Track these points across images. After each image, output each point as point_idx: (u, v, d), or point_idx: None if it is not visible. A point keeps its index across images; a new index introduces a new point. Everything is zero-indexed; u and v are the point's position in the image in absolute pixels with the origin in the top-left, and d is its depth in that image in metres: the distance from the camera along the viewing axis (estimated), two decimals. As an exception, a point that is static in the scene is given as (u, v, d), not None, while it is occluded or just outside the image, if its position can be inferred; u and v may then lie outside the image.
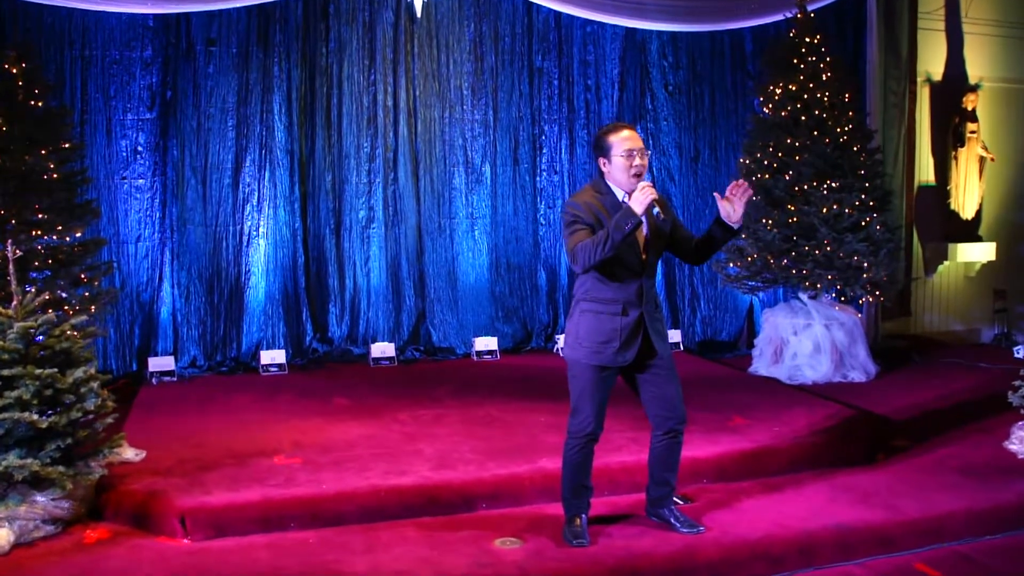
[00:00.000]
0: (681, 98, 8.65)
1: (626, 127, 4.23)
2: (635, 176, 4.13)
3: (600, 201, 4.19)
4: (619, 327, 4.20)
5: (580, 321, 4.27)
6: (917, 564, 4.37)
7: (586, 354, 4.24)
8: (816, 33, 7.64)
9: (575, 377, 4.32)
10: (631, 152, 4.13)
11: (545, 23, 8.26)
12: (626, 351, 4.22)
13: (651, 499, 4.57)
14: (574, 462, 4.35)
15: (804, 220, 7.34)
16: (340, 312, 7.93)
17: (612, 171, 4.20)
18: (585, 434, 4.29)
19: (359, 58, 7.76)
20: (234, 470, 4.94)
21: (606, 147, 4.20)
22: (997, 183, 9.60)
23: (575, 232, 4.15)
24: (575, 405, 4.33)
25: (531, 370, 7.56)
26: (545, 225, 8.47)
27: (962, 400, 6.89)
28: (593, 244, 4.01)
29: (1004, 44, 9.53)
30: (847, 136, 7.49)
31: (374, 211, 7.94)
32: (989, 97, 9.44)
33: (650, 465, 4.52)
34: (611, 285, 4.20)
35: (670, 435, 4.40)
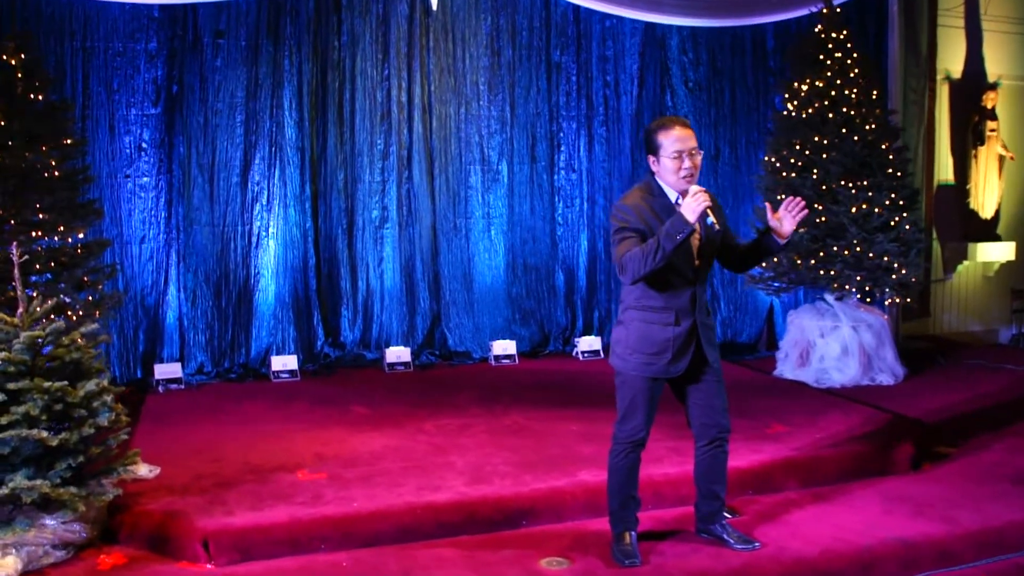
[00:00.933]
0: (701, 95, 8.40)
1: (679, 123, 3.92)
2: (685, 179, 3.88)
3: (651, 204, 3.94)
4: (671, 337, 3.97)
5: (630, 330, 4.03)
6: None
7: (637, 365, 4.01)
8: (842, 29, 7.41)
9: (625, 385, 4.09)
10: (681, 153, 3.87)
11: (563, 17, 7.98)
12: (678, 362, 4.00)
13: (701, 515, 4.32)
14: (622, 470, 4.12)
15: (833, 220, 7.10)
16: (352, 315, 7.64)
17: (661, 171, 3.95)
18: (634, 441, 4.09)
19: (372, 52, 7.47)
20: (256, 487, 4.66)
21: (656, 145, 3.93)
22: (1016, 182, 9.40)
23: (623, 240, 3.90)
24: (625, 413, 4.10)
25: (552, 375, 7.30)
26: (563, 225, 8.21)
27: (992, 403, 6.65)
28: (643, 254, 3.77)
29: (1023, 42, 9.32)
30: (874, 134, 7.25)
31: (388, 211, 7.65)
32: (1008, 95, 9.24)
33: (696, 479, 4.29)
34: (663, 293, 3.96)
35: (714, 445, 4.18)
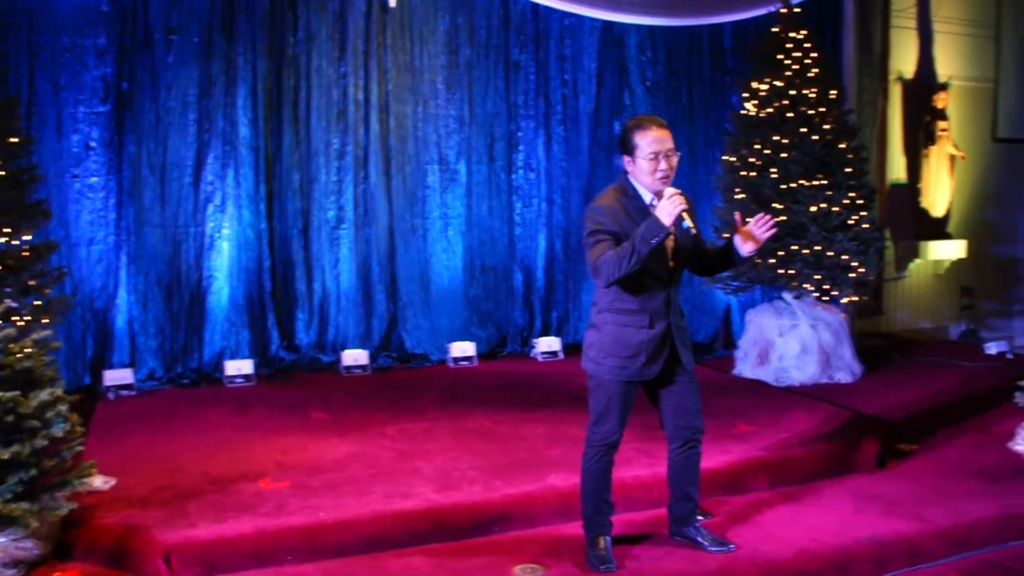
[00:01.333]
0: (659, 94, 8.38)
1: (656, 123, 3.87)
2: (661, 180, 3.83)
3: (625, 206, 3.88)
4: (646, 340, 3.92)
5: (604, 333, 3.97)
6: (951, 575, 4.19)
7: (611, 369, 3.95)
8: (801, 29, 7.44)
9: (599, 389, 4.02)
10: (658, 154, 3.82)
11: (522, 15, 7.90)
12: (652, 365, 3.95)
13: (675, 518, 4.29)
14: (596, 473, 4.06)
15: (792, 219, 7.13)
16: (308, 318, 7.48)
17: (636, 172, 3.89)
18: (608, 443, 4.03)
19: (329, 49, 7.31)
20: (217, 497, 4.51)
21: (632, 145, 3.87)
22: (966, 181, 9.55)
23: (597, 243, 3.83)
24: (599, 416, 4.03)
25: (513, 377, 7.22)
26: (521, 225, 8.13)
27: (948, 400, 6.76)
28: (617, 257, 3.70)
29: (972, 43, 9.48)
30: (833, 134, 7.30)
31: (344, 211, 7.50)
32: (958, 96, 9.39)
33: (670, 481, 4.25)
34: (637, 296, 3.90)
35: (688, 446, 4.15)
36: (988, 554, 4.39)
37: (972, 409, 6.45)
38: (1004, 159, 9.67)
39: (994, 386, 7.07)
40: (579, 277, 8.34)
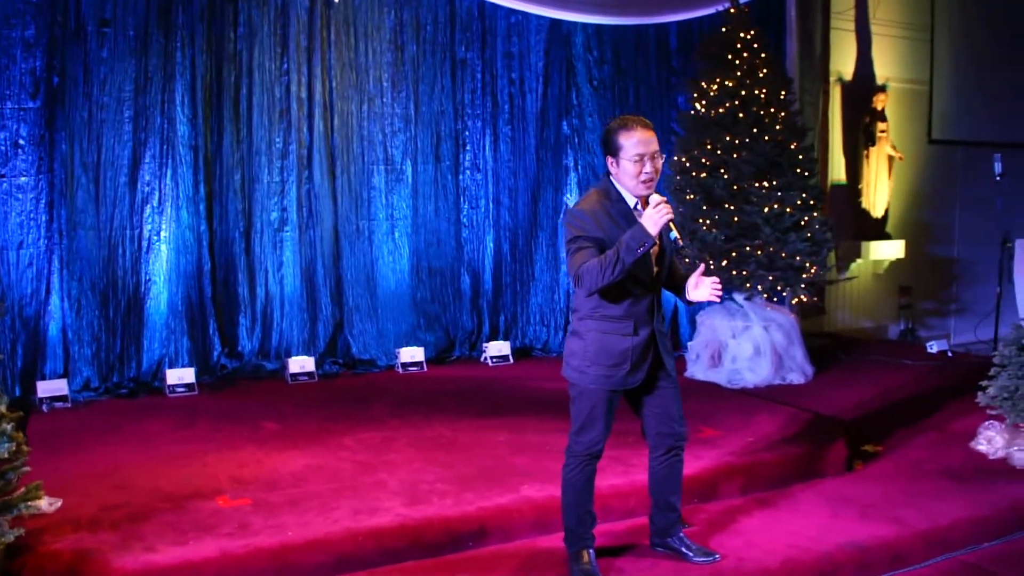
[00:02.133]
0: (606, 94, 8.30)
1: (640, 124, 3.73)
2: (645, 183, 3.70)
3: (608, 210, 3.75)
4: (630, 348, 3.80)
5: (587, 341, 3.83)
6: (932, 580, 4.19)
7: (595, 378, 3.83)
8: (749, 29, 7.43)
9: (582, 398, 3.90)
10: (643, 156, 3.68)
11: (469, 13, 7.74)
12: (637, 372, 3.85)
13: (657, 528, 4.17)
14: (579, 484, 3.93)
15: (745, 220, 7.11)
16: (251, 324, 7.19)
17: (620, 174, 3.75)
18: (592, 453, 3.91)
19: (271, 45, 7.04)
20: (173, 517, 4.23)
21: (616, 146, 3.73)
22: (903, 182, 9.70)
23: (580, 250, 3.69)
24: (582, 425, 3.91)
25: (465, 382, 7.05)
26: (468, 226, 7.96)
27: (901, 398, 6.84)
28: (601, 267, 3.57)
29: (908, 46, 9.64)
30: (783, 134, 7.30)
31: (287, 213, 7.24)
32: (895, 97, 9.52)
33: (652, 491, 4.14)
34: (621, 301, 3.78)
35: (671, 454, 4.04)
36: (965, 556, 4.41)
37: (926, 408, 6.51)
38: (938, 160, 9.86)
39: (941, 385, 7.19)
40: (527, 279, 8.22)
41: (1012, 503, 4.77)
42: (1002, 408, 5.48)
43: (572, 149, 8.27)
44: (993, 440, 5.50)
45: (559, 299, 8.32)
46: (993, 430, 5.56)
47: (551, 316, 8.30)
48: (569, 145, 8.25)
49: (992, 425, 5.60)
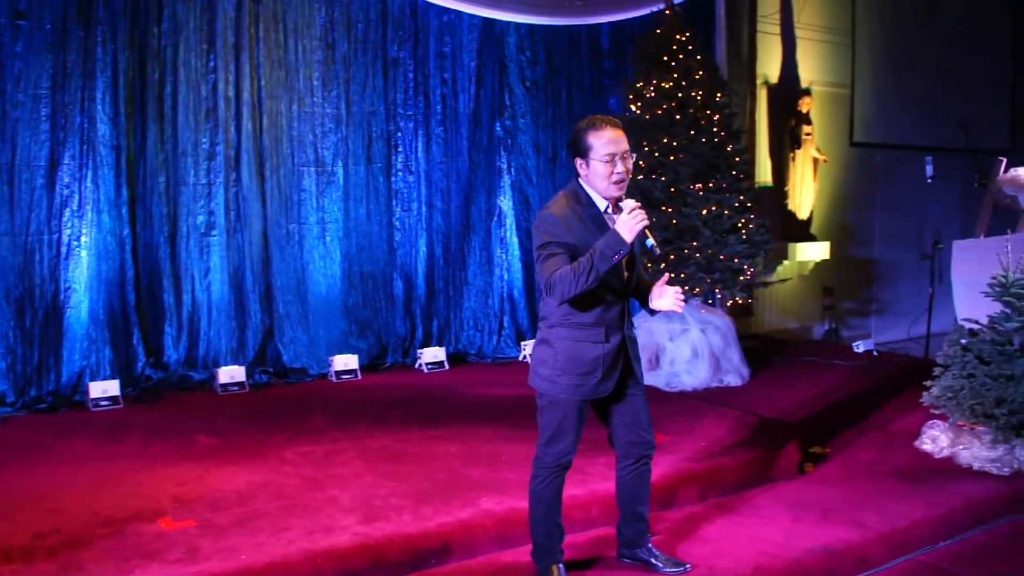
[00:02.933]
0: (539, 95, 8.23)
1: (609, 124, 3.61)
2: (616, 184, 3.57)
3: (579, 214, 3.60)
4: (601, 355, 3.68)
5: (558, 350, 3.69)
6: (894, 580, 4.21)
7: (567, 388, 3.69)
8: (684, 31, 7.43)
9: (552, 407, 3.74)
10: (614, 156, 3.55)
11: (401, 10, 7.56)
12: (608, 381, 3.72)
13: (625, 540, 4.07)
14: (548, 496, 3.80)
15: (684, 222, 7.10)
16: (177, 333, 6.88)
17: (590, 175, 3.61)
18: (562, 464, 3.77)
19: (197, 41, 6.75)
20: (114, 542, 3.96)
21: (585, 147, 3.60)
22: (827, 184, 9.87)
23: (551, 256, 3.54)
24: (552, 436, 3.74)
25: (403, 390, 6.87)
26: (401, 230, 7.78)
27: (839, 399, 6.92)
28: (574, 275, 3.43)
29: (831, 50, 9.81)
30: (720, 136, 7.32)
31: (214, 216, 6.95)
32: (819, 101, 9.69)
33: (620, 501, 4.03)
34: (592, 308, 3.65)
35: (640, 463, 3.94)
36: (925, 556, 4.45)
37: (864, 408, 6.59)
38: (859, 163, 10.07)
39: (874, 384, 7.31)
40: (460, 284, 8.08)
41: (965, 502, 4.82)
42: (946, 408, 5.55)
43: (505, 151, 8.16)
44: (937, 439, 5.57)
45: (493, 303, 8.20)
46: (937, 429, 5.63)
47: (485, 321, 8.18)
48: (502, 147, 8.15)
49: (935, 424, 5.68)
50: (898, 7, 10.24)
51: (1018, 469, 5.21)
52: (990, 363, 5.37)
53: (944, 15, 10.68)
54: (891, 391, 6.99)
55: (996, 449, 5.31)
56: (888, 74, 10.12)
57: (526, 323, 8.30)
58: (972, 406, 5.38)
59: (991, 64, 11.40)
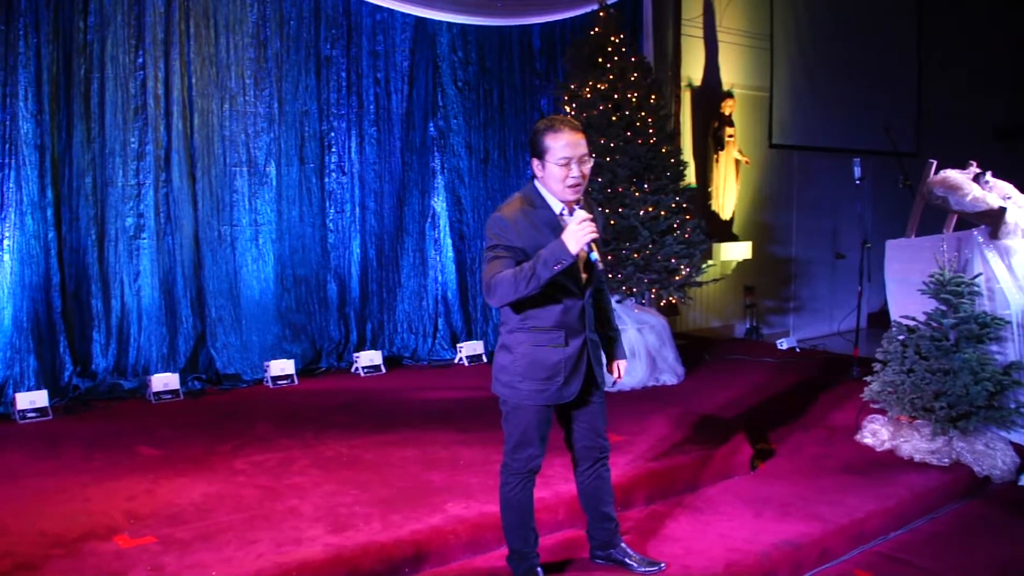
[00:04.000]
0: (471, 95, 8.18)
1: (568, 126, 3.52)
2: (572, 188, 3.50)
3: (531, 217, 3.52)
4: (562, 360, 3.61)
5: (518, 356, 3.62)
6: (856, 571, 4.31)
7: (530, 393, 3.63)
8: (619, 32, 7.49)
9: (516, 413, 3.68)
10: (570, 160, 3.47)
11: (334, 8, 7.42)
12: (571, 385, 3.67)
13: (598, 542, 4.06)
14: (521, 502, 3.76)
15: (622, 223, 7.16)
16: (105, 340, 6.61)
17: (546, 177, 3.53)
18: (531, 469, 3.73)
19: (125, 36, 6.49)
20: (71, 563, 3.76)
21: (542, 148, 3.51)
22: (747, 185, 10.09)
23: (495, 259, 3.47)
24: (518, 443, 3.70)
25: (343, 395, 6.75)
26: (334, 232, 7.64)
27: (772, 395, 7.07)
28: (514, 280, 3.34)
29: (752, 53, 10.02)
30: (656, 138, 7.40)
31: (144, 219, 6.70)
32: (739, 103, 9.88)
33: (584, 504, 4.02)
34: (551, 310, 3.57)
35: (598, 465, 3.92)
36: (879, 546, 4.59)
37: (800, 403, 6.74)
38: (778, 164, 10.32)
39: (804, 380, 7.51)
40: (393, 286, 7.98)
41: (911, 493, 4.98)
42: (886, 402, 5.73)
43: (439, 151, 8.09)
44: (878, 433, 5.74)
45: (428, 305, 8.12)
46: (877, 423, 5.81)
47: (419, 323, 8.09)
48: (436, 147, 8.08)
49: (875, 419, 5.86)
50: (813, 12, 10.54)
51: (956, 459, 5.41)
52: (928, 358, 5.56)
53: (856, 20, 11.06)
54: (821, 386, 7.18)
55: (935, 441, 5.50)
56: (803, 77, 10.42)
57: (460, 325, 8.25)
58: (912, 400, 5.57)
59: (899, 68, 11.86)
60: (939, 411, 5.47)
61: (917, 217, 6.32)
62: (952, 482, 5.26)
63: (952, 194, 6.01)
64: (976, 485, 5.36)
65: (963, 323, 5.54)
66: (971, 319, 5.54)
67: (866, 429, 5.85)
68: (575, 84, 7.47)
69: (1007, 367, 5.60)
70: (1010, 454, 5.54)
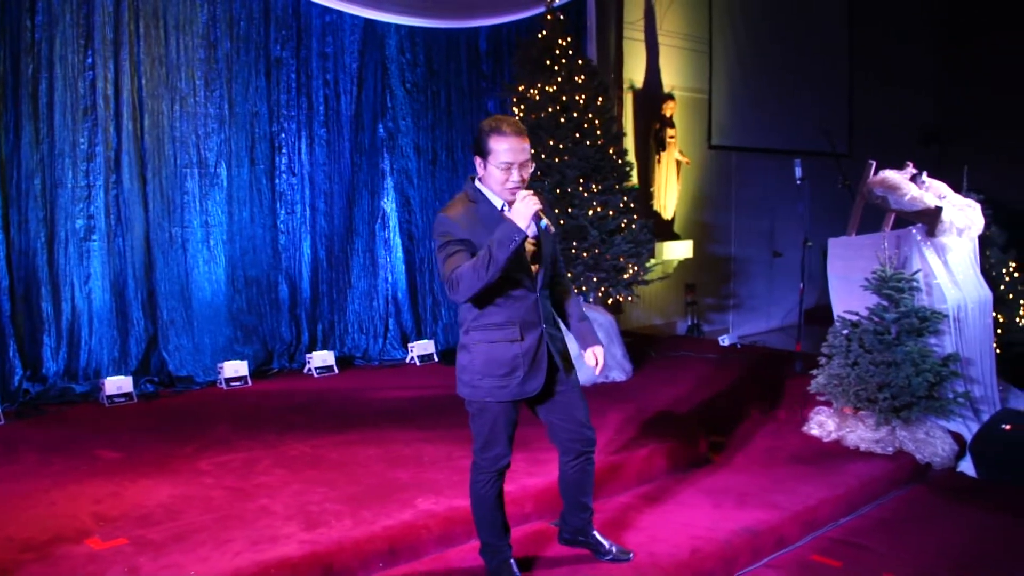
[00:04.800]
0: (419, 97, 8.25)
1: (513, 130, 3.53)
2: (511, 191, 3.55)
3: (474, 212, 3.60)
4: (520, 354, 3.66)
5: (475, 354, 3.69)
6: (812, 556, 4.52)
7: (489, 391, 3.68)
8: (567, 35, 7.63)
9: (481, 413, 3.74)
10: (511, 165, 3.52)
11: (284, 9, 7.42)
12: (532, 379, 3.71)
13: (570, 527, 4.17)
14: (491, 499, 3.83)
15: (572, 223, 7.30)
16: (56, 343, 6.53)
17: (487, 177, 3.59)
18: (500, 468, 3.80)
19: (74, 36, 6.41)
20: (44, 568, 3.74)
21: (485, 149, 3.55)
22: (687, 185, 10.32)
23: (451, 255, 3.53)
24: (485, 442, 3.76)
25: (300, 396, 6.76)
26: (285, 233, 7.64)
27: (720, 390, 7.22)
28: (474, 268, 3.41)
29: (691, 56, 10.26)
30: (603, 139, 7.56)
31: (94, 220, 6.63)
32: (680, 105, 10.11)
33: (563, 492, 4.10)
34: (502, 306, 3.63)
35: (582, 458, 3.98)
36: (831, 532, 4.82)
37: (745, 397, 6.94)
38: (717, 164, 10.58)
39: (748, 374, 7.74)
40: (343, 286, 8.01)
41: (859, 481, 5.22)
42: (831, 394, 5.97)
43: (388, 152, 8.15)
44: (824, 424, 5.97)
45: (378, 305, 8.17)
46: (823, 415, 6.04)
47: (370, 324, 8.13)
48: (385, 148, 8.13)
49: (821, 411, 6.09)
50: (750, 16, 10.83)
51: (899, 448, 5.67)
52: (872, 351, 5.80)
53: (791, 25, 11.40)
54: (765, 381, 7.41)
55: (879, 431, 5.75)
56: (741, 80, 10.70)
57: (411, 325, 8.31)
58: (857, 392, 5.81)
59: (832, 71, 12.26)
60: (882, 402, 5.72)
61: (858, 216, 6.57)
62: (896, 469, 5.50)
63: (891, 194, 6.27)
64: (918, 472, 5.62)
65: (904, 317, 5.79)
66: (912, 313, 5.80)
67: (812, 421, 6.08)
68: (523, 86, 7.59)
69: (945, 359, 5.87)
70: (949, 442, 5.82)
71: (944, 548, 4.60)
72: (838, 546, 4.63)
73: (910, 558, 4.47)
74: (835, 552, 4.55)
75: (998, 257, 6.83)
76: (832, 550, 4.58)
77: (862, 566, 4.39)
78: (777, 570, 4.36)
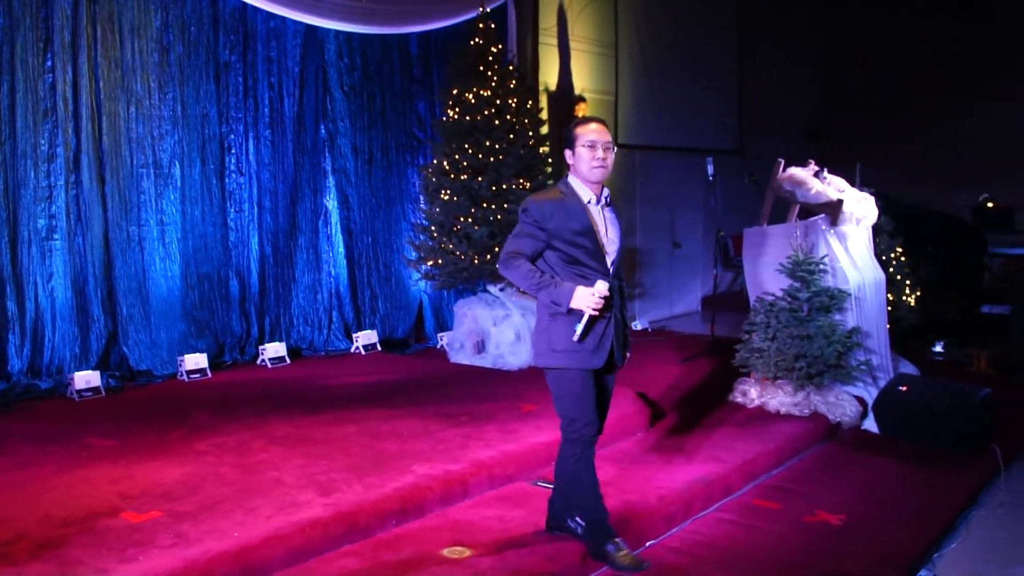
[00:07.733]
0: (356, 99, 8.65)
1: (596, 121, 4.10)
2: (597, 169, 4.02)
3: (561, 203, 4.02)
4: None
5: (552, 327, 4.03)
6: (755, 500, 5.25)
7: (569, 359, 4.01)
8: (499, 42, 8.19)
9: (562, 383, 4.08)
10: (595, 143, 4.01)
11: (232, 15, 7.72)
12: (599, 353, 4.04)
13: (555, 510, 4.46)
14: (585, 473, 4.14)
15: (507, 218, 7.87)
16: (20, 341, 6.68)
17: (577, 163, 4.07)
18: (590, 437, 4.12)
19: (33, 39, 6.57)
20: (92, 538, 4.00)
21: (572, 138, 4.09)
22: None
23: (520, 237, 4.04)
24: (569, 413, 4.08)
25: (262, 385, 7.11)
26: (235, 230, 7.94)
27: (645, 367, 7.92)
28: (526, 276, 3.95)
29: (599, 60, 10.94)
30: (534, 139, 8.16)
31: (56, 220, 6.81)
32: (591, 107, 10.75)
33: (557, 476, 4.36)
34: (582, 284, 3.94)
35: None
36: (768, 480, 5.59)
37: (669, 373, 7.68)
38: (625, 162, 11.28)
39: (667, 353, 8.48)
40: (288, 281, 8.36)
41: (785, 438, 6.02)
42: (753, 366, 6.72)
43: (328, 152, 8.53)
44: (748, 393, 6.73)
45: (322, 299, 8.54)
46: (746, 385, 6.80)
47: (314, 316, 8.50)
48: (326, 148, 8.51)
49: (744, 381, 6.85)
50: (654, 22, 11.58)
51: (814, 410, 6.47)
52: (788, 327, 6.58)
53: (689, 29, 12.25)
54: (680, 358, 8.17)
55: (796, 396, 6.53)
56: (644, 82, 11.46)
57: (352, 317, 8.72)
58: (776, 362, 6.58)
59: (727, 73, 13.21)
60: (799, 370, 6.50)
61: (768, 208, 7.35)
62: (813, 428, 6.32)
63: (799, 188, 7.07)
64: (831, 430, 6.45)
65: (815, 296, 6.58)
66: (821, 293, 6.59)
67: (737, 390, 6.83)
68: (456, 89, 8.11)
69: (849, 332, 6.69)
70: (854, 404, 6.67)
71: (855, 486, 5.44)
72: (775, 492, 5.38)
73: (834, 498, 5.25)
74: (773, 496, 5.29)
75: (887, 243, 7.72)
76: (770, 495, 5.33)
77: (798, 506, 5.13)
78: (728, 512, 5.05)
